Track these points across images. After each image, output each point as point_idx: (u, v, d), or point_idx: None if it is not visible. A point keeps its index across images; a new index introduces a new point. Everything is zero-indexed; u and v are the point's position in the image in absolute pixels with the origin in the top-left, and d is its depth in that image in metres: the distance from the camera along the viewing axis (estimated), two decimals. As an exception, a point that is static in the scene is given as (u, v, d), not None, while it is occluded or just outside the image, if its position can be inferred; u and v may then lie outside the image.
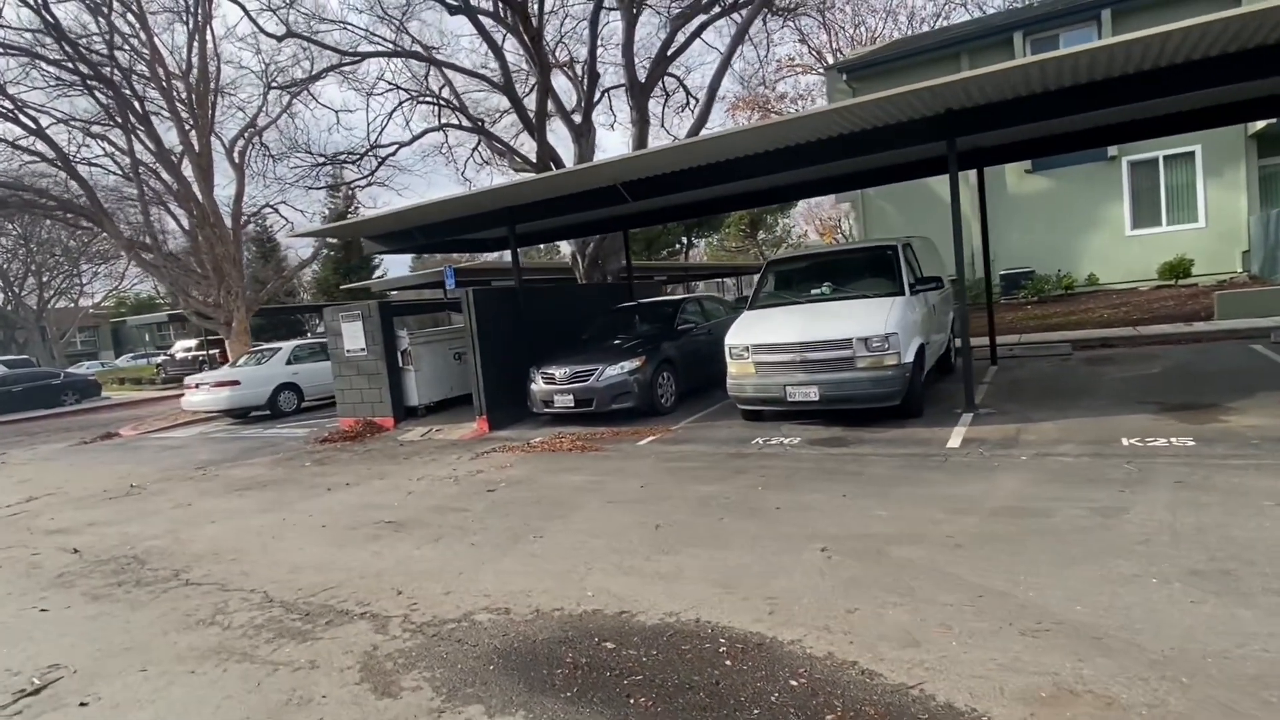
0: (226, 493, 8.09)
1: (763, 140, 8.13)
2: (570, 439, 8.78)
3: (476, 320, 10.08)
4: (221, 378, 14.26)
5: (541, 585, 4.29)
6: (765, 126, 7.70)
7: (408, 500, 6.77)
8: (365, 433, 11.05)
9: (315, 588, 4.68)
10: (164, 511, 7.48)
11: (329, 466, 9.03)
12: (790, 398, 7.68)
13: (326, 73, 17.46)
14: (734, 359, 8.18)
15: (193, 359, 33.19)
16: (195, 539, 6.24)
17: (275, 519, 6.63)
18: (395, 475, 7.99)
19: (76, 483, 9.89)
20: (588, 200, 10.32)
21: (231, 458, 10.56)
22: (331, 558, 5.28)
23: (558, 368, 9.73)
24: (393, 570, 4.86)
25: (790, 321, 8.02)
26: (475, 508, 6.23)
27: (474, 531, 5.53)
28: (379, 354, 11.28)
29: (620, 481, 6.57)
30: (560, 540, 5.09)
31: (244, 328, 18.05)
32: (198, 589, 4.92)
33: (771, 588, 3.91)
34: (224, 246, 17.33)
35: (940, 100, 7.31)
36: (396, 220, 11.34)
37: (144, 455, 11.91)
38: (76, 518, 7.65)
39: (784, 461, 6.63)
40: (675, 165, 9.03)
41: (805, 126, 7.71)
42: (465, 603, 4.16)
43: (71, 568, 5.77)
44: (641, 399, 9.42)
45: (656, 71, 19.51)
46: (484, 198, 10.33)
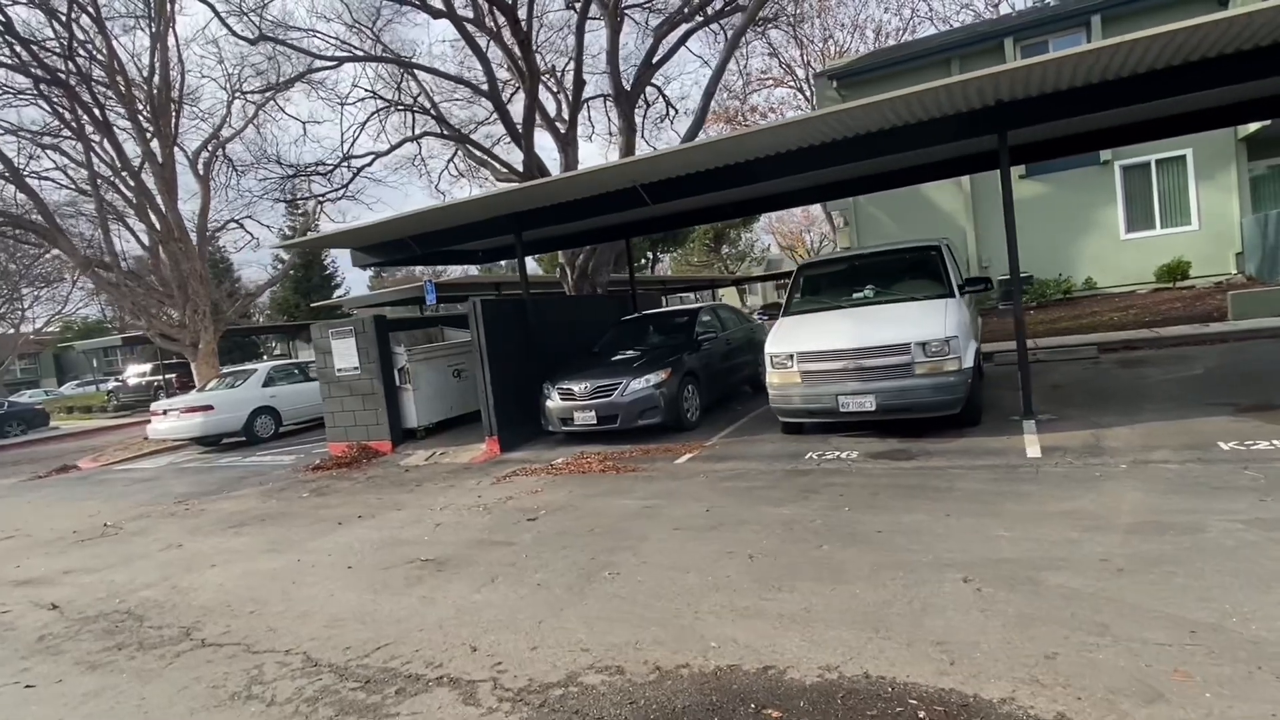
0: (220, 530, 7.22)
1: (805, 134, 7.67)
2: (597, 459, 8.12)
3: (485, 334, 9.37)
4: (192, 402, 13.20)
5: (647, 635, 3.64)
6: (811, 119, 7.22)
7: (438, 534, 6.03)
8: (361, 459, 10.20)
9: (366, 645, 3.95)
10: (152, 555, 6.59)
11: (330, 497, 8.20)
12: (843, 408, 7.16)
13: (301, 77, 16.57)
14: (776, 368, 7.64)
15: (147, 384, 31.56)
16: (198, 587, 5.41)
17: (288, 560, 5.83)
18: (412, 505, 7.22)
19: (39, 523, 8.84)
20: (598, 205, 9.75)
21: (213, 490, 9.61)
22: (373, 606, 4.54)
23: (576, 382, 9.07)
24: (454, 620, 4.15)
25: (837, 327, 7.52)
26: (521, 540, 5.54)
27: (532, 569, 4.84)
28: (374, 372, 10.46)
29: (678, 505, 5.94)
30: (642, 577, 4.44)
31: (211, 349, 16.91)
32: (218, 651, 4.14)
33: (930, 629, 3.34)
34: (190, 263, 16.23)
35: (993, 90, 6.95)
36: (392, 229, 10.57)
37: (111, 490, 10.83)
38: (47, 565, 6.70)
39: (855, 479, 6.09)
40: (703, 165, 8.52)
41: (854, 119, 7.28)
42: (562, 660, 3.49)
43: (53, 628, 4.90)
44: (668, 414, 8.81)
45: (642, 79, 19.08)
46: (490, 202, 9.67)
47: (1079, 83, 6.95)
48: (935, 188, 17.58)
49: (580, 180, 8.97)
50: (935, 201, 17.83)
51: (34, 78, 13.83)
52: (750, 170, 8.65)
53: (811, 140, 7.99)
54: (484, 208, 9.91)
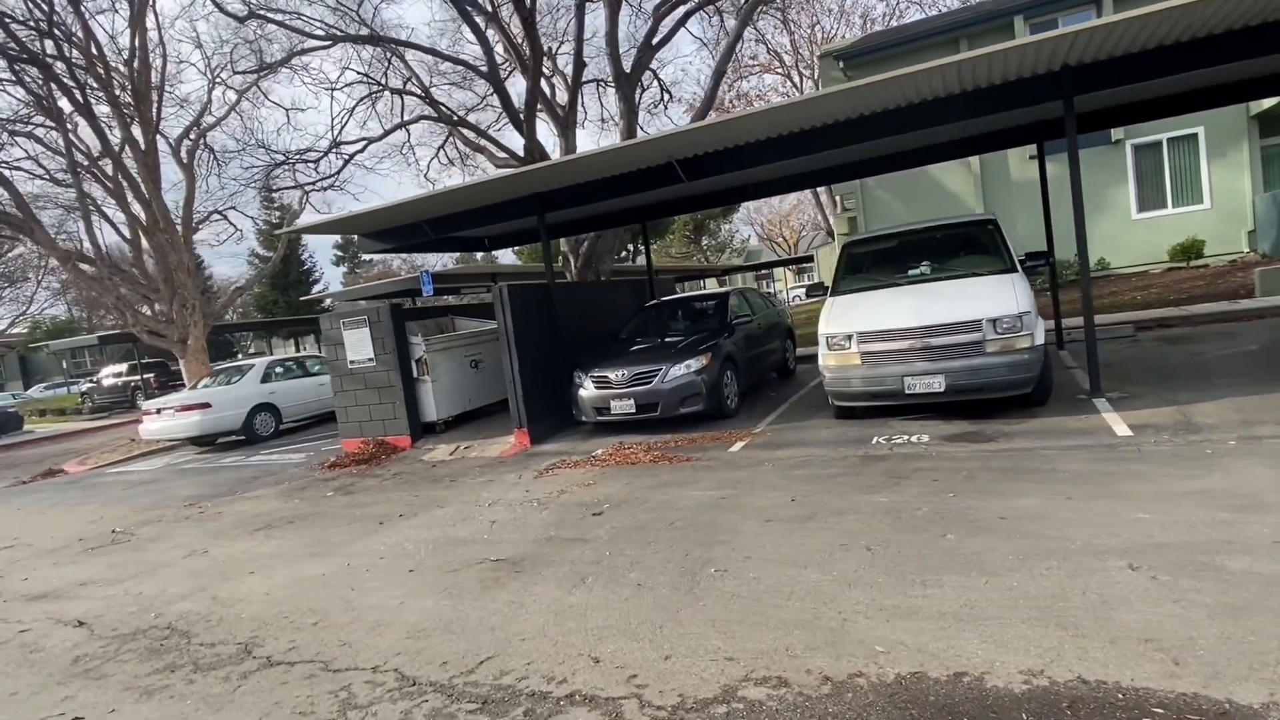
0: (246, 534, 6.68)
1: (860, 102, 7.29)
2: (641, 449, 7.71)
3: (513, 321, 8.88)
4: (189, 400, 12.51)
5: (794, 639, 3.24)
6: (869, 85, 6.82)
7: (498, 532, 5.57)
8: (379, 454, 9.66)
9: (466, 659, 3.50)
10: (176, 563, 6.05)
11: (359, 496, 7.68)
12: (909, 390, 6.81)
13: (291, 58, 15.82)
14: (832, 350, 7.27)
15: (124, 385, 30.49)
16: (242, 597, 4.91)
17: (336, 565, 5.33)
18: (455, 502, 6.74)
19: (37, 531, 8.21)
20: (624, 185, 9.30)
21: (225, 491, 9.02)
22: (454, 613, 4.08)
23: (613, 370, 8.62)
24: (556, 627, 3.71)
25: (898, 305, 7.16)
26: (595, 536, 5.11)
27: (622, 567, 4.42)
28: (391, 364, 9.91)
29: (756, 496, 5.55)
30: (756, 574, 4.03)
31: (201, 345, 16.15)
32: (291, 671, 3.66)
33: (1125, 624, 2.98)
34: (177, 254, 15.45)
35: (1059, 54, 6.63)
36: (406, 212, 10.01)
37: (108, 494, 10.18)
38: (59, 576, 6.12)
39: (940, 463, 5.73)
40: (749, 136, 8.10)
41: (915, 84, 6.91)
42: (708, 671, 3.07)
43: (87, 648, 4.38)
44: (710, 401, 8.41)
45: (641, 61, 18.56)
46: (513, 182, 9.16)
47: (1151, 45, 6.65)
48: (944, 169, 17.35)
49: (613, 156, 8.48)
50: (944, 183, 17.60)
51: (8, 56, 12.96)
52: (789, 145, 8.27)
53: (864, 109, 7.62)
54: (505, 188, 9.41)
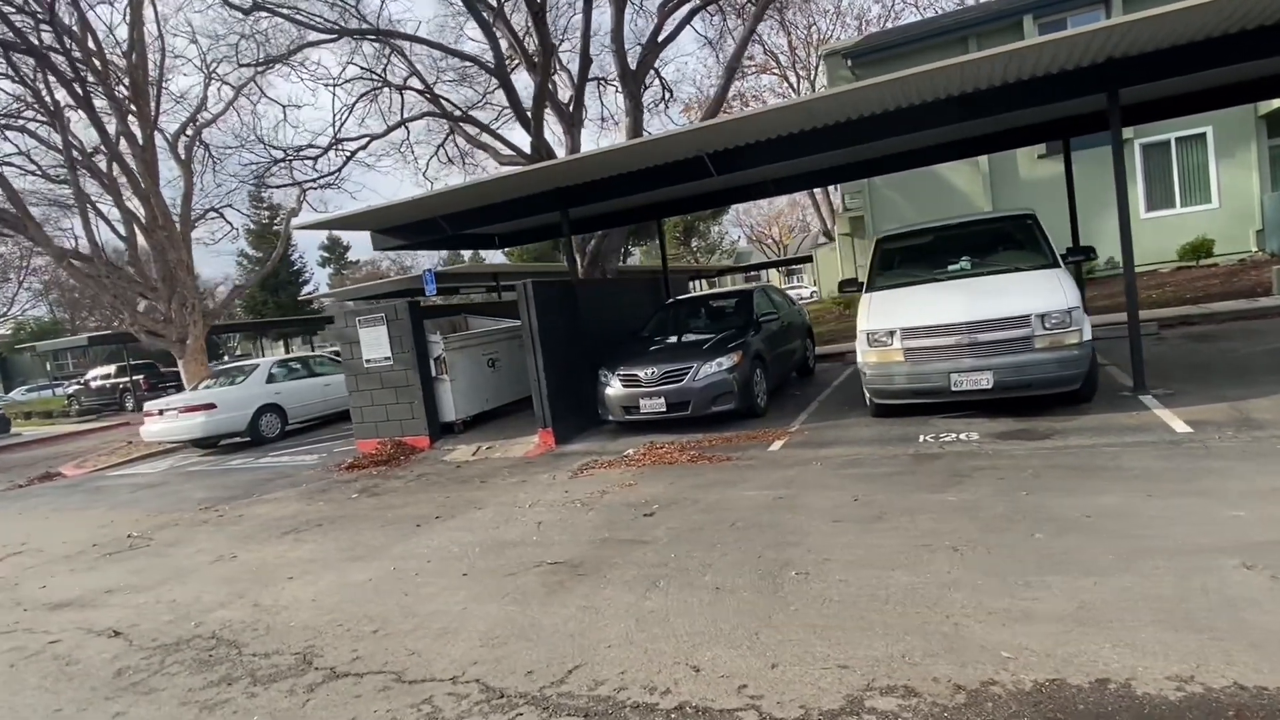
0: (273, 538, 6.43)
1: (904, 93, 7.16)
2: (675, 449, 7.53)
3: (538, 318, 8.68)
4: (193, 400, 12.18)
5: (909, 645, 3.07)
6: (910, 76, 6.67)
7: (547, 534, 5.37)
8: (397, 455, 9.41)
9: (552, 668, 3.30)
10: (204, 569, 5.79)
11: (387, 498, 7.44)
12: (956, 386, 6.67)
13: (298, 50, 15.52)
14: (874, 346, 7.12)
15: (112, 387, 29.91)
16: (287, 605, 4.67)
17: (381, 569, 5.11)
18: (491, 504, 6.53)
19: (45, 536, 7.90)
20: (649, 179, 9.12)
21: (238, 494, 8.73)
22: (525, 618, 3.88)
23: (642, 367, 8.44)
24: (642, 633, 3.52)
25: (941, 300, 7.02)
26: (654, 537, 4.92)
27: (694, 570, 4.23)
28: (409, 362, 9.66)
29: (813, 495, 5.38)
30: (842, 576, 3.86)
31: (200, 345, 15.79)
32: (361, 683, 3.44)
33: (1265, 627, 2.83)
34: (176, 252, 15.10)
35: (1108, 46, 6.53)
36: (423, 207, 9.80)
37: (115, 497, 9.85)
38: (80, 583, 5.85)
39: (1000, 460, 5.60)
40: (780, 130, 7.96)
41: (964, 75, 6.78)
42: (824, 681, 2.89)
43: (128, 659, 4.13)
44: (741, 400, 8.24)
45: (647, 59, 18.43)
46: (535, 176, 8.96)
47: (1199, 37, 6.57)
48: (952, 168, 17.31)
49: (644, 149, 8.31)
50: (952, 182, 17.57)
51: (4, 45, 12.58)
52: (820, 139, 8.14)
53: (903, 101, 7.49)
54: (528, 183, 9.22)
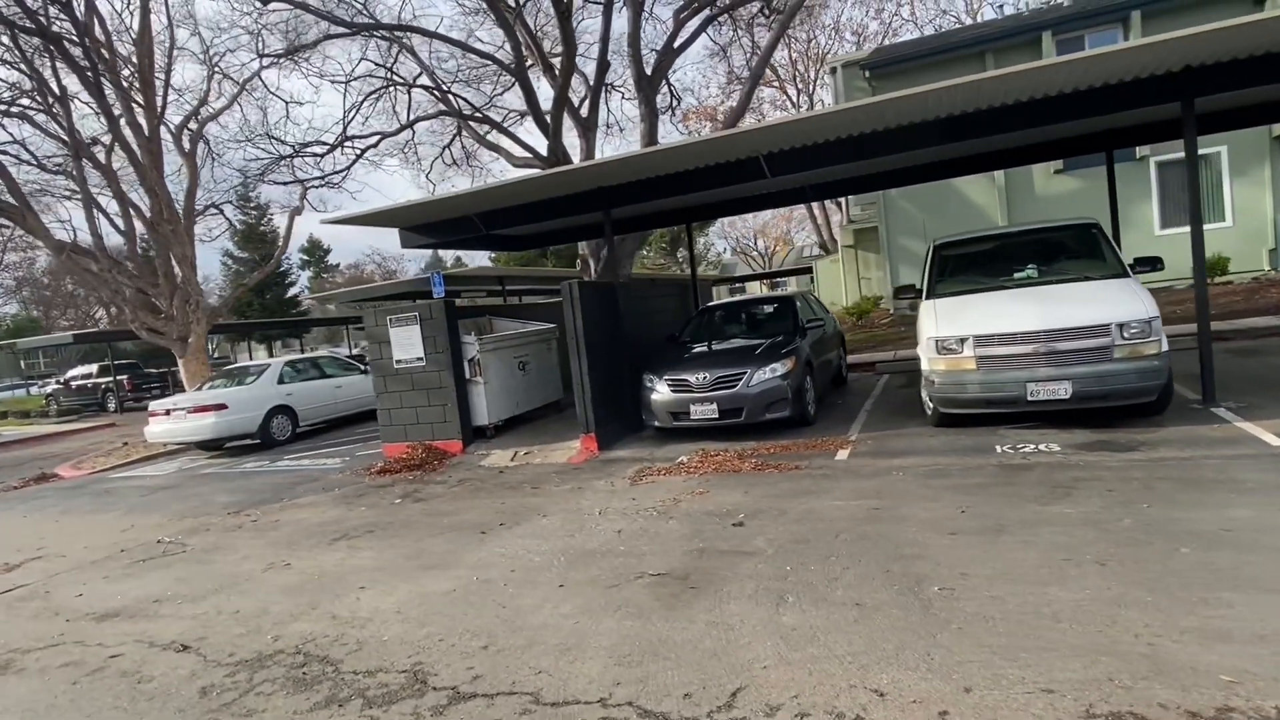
0: (323, 545, 6.07)
1: (972, 98, 7.01)
2: (733, 456, 7.28)
3: (582, 320, 8.40)
4: (203, 400, 11.70)
5: (1112, 668, 2.84)
6: (986, 80, 6.54)
7: (631, 542, 5.09)
8: (430, 460, 9.05)
9: (710, 690, 3.02)
10: (258, 576, 5.42)
11: (433, 504, 7.10)
12: (1032, 396, 6.51)
13: (318, 44, 15.13)
14: (943, 354, 6.95)
15: (94, 387, 29.01)
16: (369, 617, 4.34)
17: (460, 578, 4.79)
18: (553, 511, 6.22)
19: (61, 540, 7.44)
20: (688, 181, 8.91)
21: (265, 499, 8.32)
22: (651, 634, 3.60)
23: (692, 373, 8.19)
24: (795, 652, 3.26)
25: (1015, 308, 6.87)
26: (757, 548, 4.66)
27: (819, 584, 3.98)
28: (443, 364, 9.32)
29: (913, 506, 5.16)
30: (990, 592, 3.63)
31: (202, 345, 15.28)
32: (494, 705, 3.14)
33: None
34: (181, 247, 14.60)
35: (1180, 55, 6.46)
36: (458, 205, 9.49)
37: (126, 500, 9.36)
38: (120, 592, 5.45)
39: (1099, 472, 5.42)
40: (839, 132, 7.78)
41: (1034, 81, 6.65)
42: (1034, 706, 2.65)
43: (208, 677, 3.78)
44: (795, 407, 8.03)
45: (663, 65, 18.31)
46: (577, 176, 8.71)
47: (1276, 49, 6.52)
48: (967, 182, 17.36)
49: (696, 149, 8.10)
50: (968, 196, 17.60)
51: (12, 25, 12.07)
52: (875, 143, 7.99)
53: (965, 107, 7.36)
54: (569, 181, 8.95)
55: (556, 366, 11.48)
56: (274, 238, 46.88)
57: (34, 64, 13.09)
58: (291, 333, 48.50)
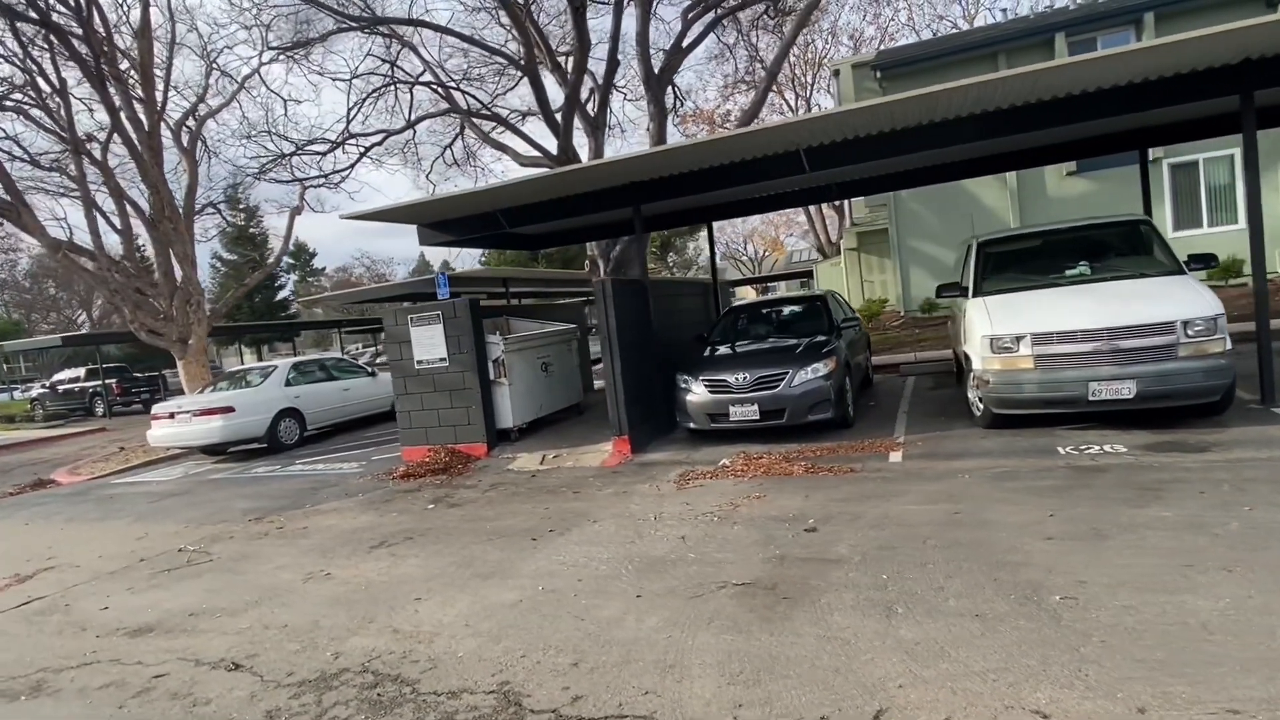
0: (361, 553, 5.74)
1: (1030, 88, 6.82)
2: (779, 459, 7.02)
3: (616, 319, 8.13)
4: (211, 403, 11.29)
5: None
6: (1045, 70, 6.33)
7: (701, 549, 4.81)
8: (454, 464, 8.72)
9: (849, 714, 2.76)
10: (298, 587, 5.09)
11: (468, 509, 6.79)
12: (1094, 396, 6.31)
13: (326, 37, 14.78)
14: (998, 353, 6.74)
15: (81, 391, 28.33)
16: (433, 630, 4.03)
17: (524, 588, 4.49)
18: (603, 516, 5.94)
19: (72, 549, 7.05)
20: (729, 176, 8.68)
21: (285, 505, 7.96)
22: (757, 650, 3.33)
23: (730, 373, 7.93)
24: (926, 669, 3.00)
25: (1072, 305, 6.67)
26: (839, 555, 4.41)
27: (926, 594, 3.73)
28: (468, 364, 9.01)
29: (995, 510, 4.92)
30: (1120, 601, 3.40)
31: (202, 346, 14.84)
32: (607, 730, 2.86)
33: None
34: (182, 245, 14.18)
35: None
36: (481, 200, 9.20)
37: (134, 507, 8.96)
38: (149, 604, 5.10)
39: (1180, 474, 5.22)
40: (884, 125, 7.58)
41: (1092, 71, 6.48)
42: (1226, 729, 2.41)
43: (271, 699, 3.46)
44: (837, 408, 7.80)
45: (671, 64, 18.11)
46: (605, 170, 8.44)
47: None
48: (979, 184, 17.27)
49: (734, 143, 7.83)
50: (979, 198, 17.52)
51: (11, 12, 11.64)
52: (914, 138, 7.80)
53: (1034, 96, 7.15)
54: (599, 176, 8.67)
55: (578, 368, 11.20)
56: (263, 240, 46.30)
57: (31, 55, 12.65)
58: (282, 336, 47.90)
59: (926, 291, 18.01)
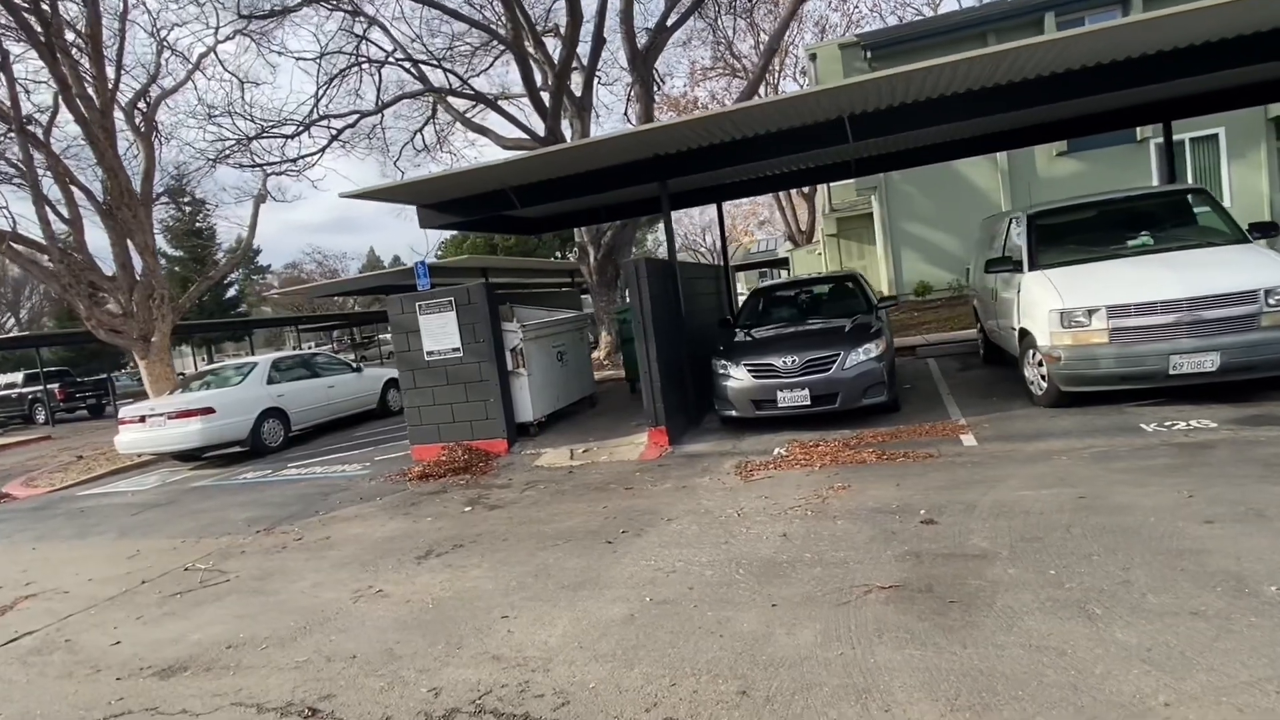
0: (407, 565, 5.08)
1: (1109, 46, 6.49)
2: (840, 446, 6.61)
3: (651, 301, 7.58)
4: (188, 404, 10.32)
5: None
6: (1112, 29, 6.05)
7: (816, 549, 4.31)
8: (474, 462, 8.06)
9: (1130, 744, 2.30)
10: (349, 609, 4.42)
11: (514, 510, 6.16)
12: (1175, 370, 6.02)
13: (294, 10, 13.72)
14: (1069, 328, 6.40)
15: (19, 397, 26.47)
16: (542, 656, 3.44)
17: (627, 600, 3.93)
18: (677, 515, 5.39)
19: (51, 572, 6.20)
20: (762, 148, 8.19)
21: (292, 512, 7.20)
22: (958, 667, 2.85)
23: (777, 357, 7.45)
24: (1183, 682, 2.56)
25: (1144, 276, 6.37)
26: (982, 550, 3.96)
27: (1112, 589, 3.30)
28: (485, 354, 8.33)
29: (1123, 494, 4.54)
30: (1348, 590, 3.02)
31: (166, 345, 13.73)
32: (831, 778, 2.33)
33: None
34: (143, 235, 13.06)
35: None
36: (490, 177, 8.48)
37: (114, 520, 8.05)
38: (171, 637, 4.36)
39: None
40: (954, 87, 7.16)
41: (1181, 26, 6.18)
42: None
43: (376, 753, 2.84)
44: (890, 391, 7.41)
45: (657, 42, 17.56)
46: (627, 142, 7.82)
47: None
48: (970, 165, 17.17)
49: (776, 109, 7.32)
50: (970, 178, 17.44)
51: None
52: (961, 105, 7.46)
53: (1104, 57, 6.83)
54: (621, 149, 8.07)
55: (588, 358, 10.60)
56: (210, 234, 44.20)
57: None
58: (233, 336, 45.83)
59: (919, 275, 17.89)
